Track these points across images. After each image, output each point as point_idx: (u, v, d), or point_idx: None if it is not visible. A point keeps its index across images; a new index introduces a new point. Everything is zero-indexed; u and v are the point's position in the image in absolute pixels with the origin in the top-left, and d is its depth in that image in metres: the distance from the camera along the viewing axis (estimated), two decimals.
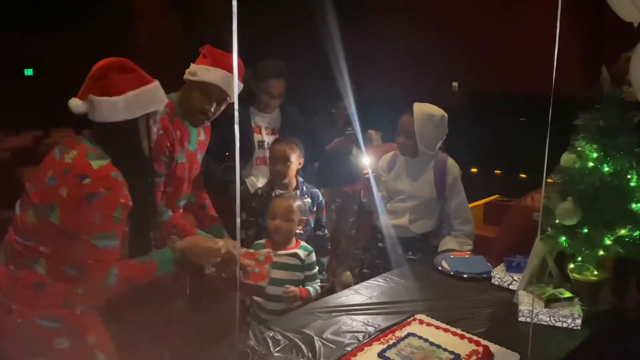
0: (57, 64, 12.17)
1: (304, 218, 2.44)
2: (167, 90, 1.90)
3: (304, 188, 2.72)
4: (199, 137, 2.39)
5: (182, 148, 2.28)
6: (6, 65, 12.40)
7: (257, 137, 3.02)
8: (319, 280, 2.41)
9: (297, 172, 2.72)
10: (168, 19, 10.69)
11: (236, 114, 1.27)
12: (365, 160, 2.70)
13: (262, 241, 2.42)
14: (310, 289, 2.33)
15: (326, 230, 2.83)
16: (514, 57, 6.58)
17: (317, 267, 2.40)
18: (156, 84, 1.76)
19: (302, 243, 2.40)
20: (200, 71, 2.17)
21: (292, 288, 2.26)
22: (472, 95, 7.06)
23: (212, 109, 2.23)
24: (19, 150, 6.36)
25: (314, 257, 2.38)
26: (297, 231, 2.40)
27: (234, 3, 1.01)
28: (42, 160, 1.73)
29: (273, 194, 2.58)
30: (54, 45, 12.08)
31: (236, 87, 1.44)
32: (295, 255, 2.34)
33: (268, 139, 3.03)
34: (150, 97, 1.72)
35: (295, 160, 2.62)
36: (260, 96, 2.98)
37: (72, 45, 11.61)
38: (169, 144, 2.20)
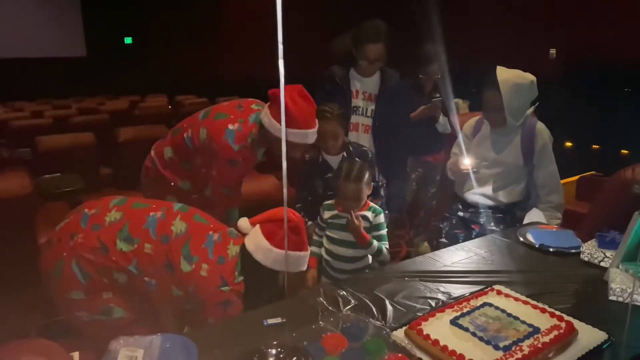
0: (155, 34, 12.78)
1: (372, 184, 2.40)
2: None
3: (351, 148, 2.67)
4: None
5: None
6: (108, 33, 13.21)
7: (353, 101, 2.96)
8: (387, 242, 2.36)
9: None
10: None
11: (283, 116, 1.22)
12: (466, 161, 2.64)
13: (332, 202, 2.41)
14: (375, 242, 2.29)
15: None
16: (620, 22, 6.00)
17: (385, 228, 2.36)
18: (306, 252, 1.88)
19: (371, 204, 2.36)
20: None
21: (356, 223, 2.22)
22: (571, 63, 6.53)
23: None
24: (117, 112, 6.74)
25: (382, 217, 2.35)
26: None
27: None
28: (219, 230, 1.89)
29: (320, 159, 2.63)
30: (153, 15, 12.68)
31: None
32: (365, 217, 2.31)
33: (364, 104, 2.96)
34: (297, 262, 1.85)
35: (342, 133, 2.63)
36: (358, 60, 2.90)
37: (169, 16, 12.12)
38: None
